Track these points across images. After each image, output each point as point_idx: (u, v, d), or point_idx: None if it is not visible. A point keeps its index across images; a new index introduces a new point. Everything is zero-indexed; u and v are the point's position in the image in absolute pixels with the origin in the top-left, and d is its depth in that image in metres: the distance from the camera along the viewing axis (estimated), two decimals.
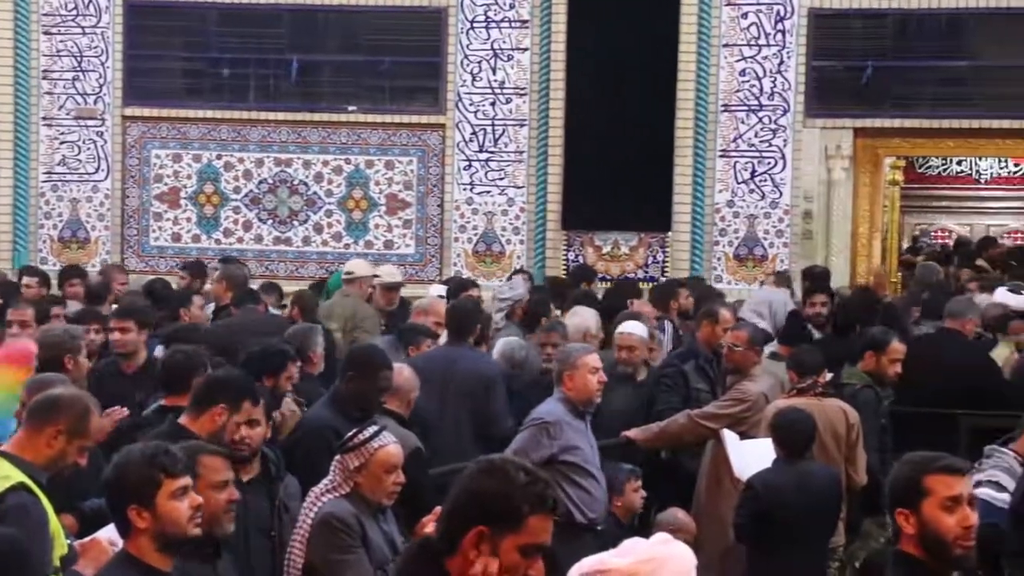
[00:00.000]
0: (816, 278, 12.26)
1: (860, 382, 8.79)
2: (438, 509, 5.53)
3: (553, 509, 3.54)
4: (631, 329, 9.34)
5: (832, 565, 7.95)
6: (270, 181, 15.21)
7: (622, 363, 9.19)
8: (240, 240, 15.26)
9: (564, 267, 14.32)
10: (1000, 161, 21.23)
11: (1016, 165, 21.43)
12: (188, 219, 15.30)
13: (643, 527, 8.11)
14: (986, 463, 6.80)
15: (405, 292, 11.99)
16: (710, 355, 9.37)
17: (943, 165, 21.64)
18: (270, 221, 15.24)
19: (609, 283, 13.84)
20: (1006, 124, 14.19)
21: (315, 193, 15.17)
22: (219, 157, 15.28)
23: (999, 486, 6.56)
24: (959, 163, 21.54)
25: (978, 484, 6.69)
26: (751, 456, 7.98)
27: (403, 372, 7.53)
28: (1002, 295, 11.84)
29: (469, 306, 9.80)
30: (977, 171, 21.74)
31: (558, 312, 10.72)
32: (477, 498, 3.52)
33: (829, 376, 8.53)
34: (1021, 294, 12.53)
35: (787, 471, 7.53)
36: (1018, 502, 6.24)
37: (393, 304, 11.49)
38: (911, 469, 4.26)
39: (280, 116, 15.17)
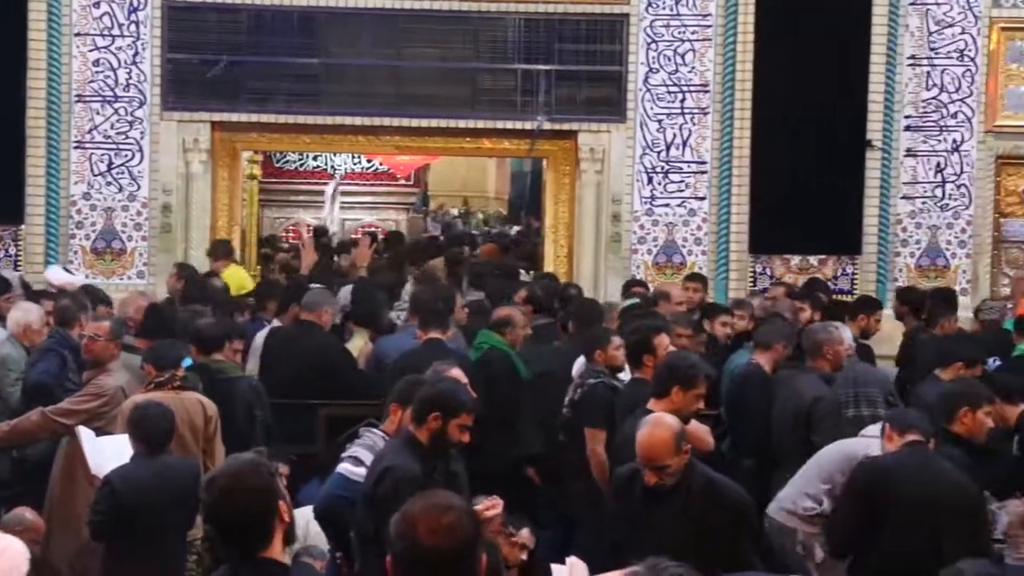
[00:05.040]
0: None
1: None
2: None
3: None
4: None
5: (190, 558, 7.96)
6: None
7: None
8: None
9: None
10: (354, 157, 21.99)
11: (369, 161, 22.28)
12: None
13: None
14: (356, 442, 7.08)
15: None
16: None
17: (300, 160, 22.15)
18: None
19: None
20: (358, 121, 14.59)
21: None
22: None
23: (358, 461, 6.87)
24: (315, 158, 22.11)
25: (343, 460, 7.01)
26: (108, 452, 7.84)
27: None
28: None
29: None
30: (333, 166, 22.40)
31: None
32: None
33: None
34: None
35: (146, 466, 7.45)
36: (371, 487, 6.44)
37: None
38: None
39: None
